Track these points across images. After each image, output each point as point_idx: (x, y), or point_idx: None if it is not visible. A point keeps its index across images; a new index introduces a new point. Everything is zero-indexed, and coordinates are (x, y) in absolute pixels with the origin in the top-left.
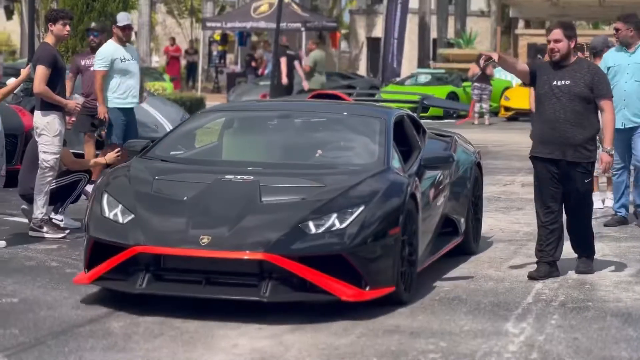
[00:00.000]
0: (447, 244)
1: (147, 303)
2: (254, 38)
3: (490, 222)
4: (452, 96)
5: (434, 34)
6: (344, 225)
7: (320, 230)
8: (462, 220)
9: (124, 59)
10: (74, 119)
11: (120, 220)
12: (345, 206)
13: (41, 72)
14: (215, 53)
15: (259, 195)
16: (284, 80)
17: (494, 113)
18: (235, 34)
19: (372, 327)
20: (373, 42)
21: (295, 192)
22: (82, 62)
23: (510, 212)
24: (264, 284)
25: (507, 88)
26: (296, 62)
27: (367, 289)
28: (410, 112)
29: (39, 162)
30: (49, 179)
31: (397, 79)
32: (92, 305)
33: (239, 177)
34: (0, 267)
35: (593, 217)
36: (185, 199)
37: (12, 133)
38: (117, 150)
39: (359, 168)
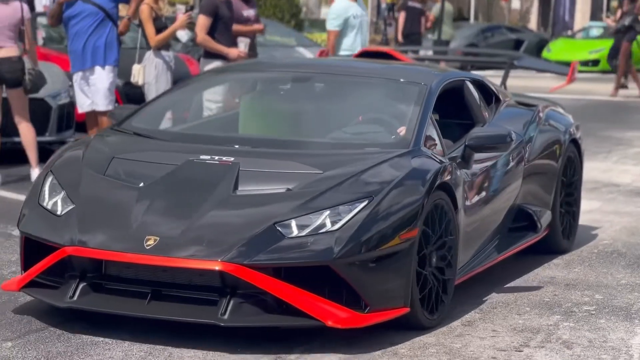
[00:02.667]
0: (517, 243)
1: None
2: None
3: None
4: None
5: None
6: (337, 226)
7: (303, 233)
8: (544, 212)
9: (356, 15)
10: None
11: (59, 211)
12: (342, 200)
13: (201, 21)
14: (383, 5)
15: (234, 183)
16: (399, 38)
17: None
18: None
19: (526, 278)
20: None
21: (281, 179)
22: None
23: None
24: (223, 303)
25: None
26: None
27: (367, 310)
28: (479, 77)
29: (203, 109)
30: None
31: (569, 33)
32: None
33: (216, 158)
34: None
35: None
36: (141, 185)
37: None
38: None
39: (376, 149)
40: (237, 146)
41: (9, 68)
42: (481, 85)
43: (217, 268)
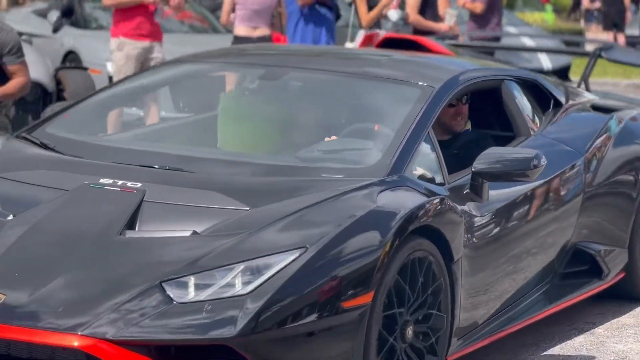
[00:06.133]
0: (575, 292)
1: None
2: None
3: None
4: None
5: None
6: (249, 287)
7: (201, 296)
8: (615, 252)
9: None
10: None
11: None
12: (265, 251)
13: (412, 1)
14: None
15: (126, 221)
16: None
17: None
18: None
19: None
20: None
21: (190, 217)
22: None
23: None
24: None
25: None
26: None
27: None
28: (530, 75)
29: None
30: None
31: None
32: None
33: (119, 182)
34: None
35: None
36: (9, 218)
37: None
38: None
39: (338, 176)
40: (156, 166)
41: None
42: (533, 85)
43: (74, 344)
